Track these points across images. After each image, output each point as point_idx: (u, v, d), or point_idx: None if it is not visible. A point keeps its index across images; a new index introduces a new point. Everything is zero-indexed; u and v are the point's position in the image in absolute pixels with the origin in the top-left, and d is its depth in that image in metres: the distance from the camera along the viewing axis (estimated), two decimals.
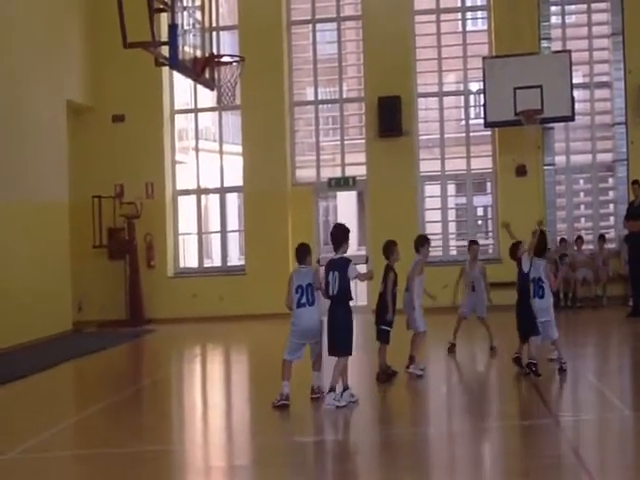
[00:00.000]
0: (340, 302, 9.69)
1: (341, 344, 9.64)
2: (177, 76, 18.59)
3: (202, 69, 13.33)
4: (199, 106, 21.31)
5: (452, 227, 21.05)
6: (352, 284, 9.81)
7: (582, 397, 10.26)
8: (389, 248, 11.12)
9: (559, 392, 10.54)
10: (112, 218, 19.89)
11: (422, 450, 7.99)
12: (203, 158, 21.53)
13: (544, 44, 19.61)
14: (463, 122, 20.98)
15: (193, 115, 21.44)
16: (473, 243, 13.84)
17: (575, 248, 19.30)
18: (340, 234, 9.87)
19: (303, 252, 10.02)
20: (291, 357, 9.84)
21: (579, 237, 19.43)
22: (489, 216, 21.08)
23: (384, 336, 10.93)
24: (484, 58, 19.44)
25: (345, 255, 9.81)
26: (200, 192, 21.27)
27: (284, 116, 20.46)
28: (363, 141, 20.55)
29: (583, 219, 20.67)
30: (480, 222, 22.08)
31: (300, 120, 21.30)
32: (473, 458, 7.77)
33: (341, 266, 9.66)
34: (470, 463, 7.58)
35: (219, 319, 19.11)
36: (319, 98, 21.19)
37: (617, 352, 11.48)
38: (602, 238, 19.33)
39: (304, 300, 9.81)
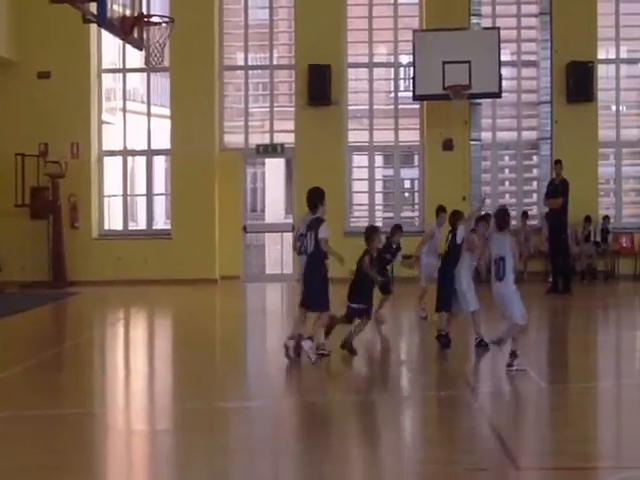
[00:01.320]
0: (315, 260, 10.08)
1: (317, 300, 10.06)
2: (105, 34, 18.24)
3: (131, 28, 13.08)
4: (127, 66, 21.00)
5: (379, 198, 21.23)
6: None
7: (500, 370, 10.52)
8: (370, 235, 11.08)
9: (478, 365, 10.77)
10: (36, 177, 19.52)
11: (344, 417, 8.11)
12: (130, 119, 21.26)
13: (474, 20, 19.81)
14: (392, 94, 21.10)
15: (121, 75, 21.13)
16: (442, 210, 13.70)
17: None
18: (316, 196, 10.26)
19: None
20: None
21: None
22: (416, 189, 21.30)
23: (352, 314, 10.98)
24: (414, 31, 19.55)
25: (320, 216, 10.20)
26: (127, 154, 21.03)
27: (213, 80, 20.30)
28: (292, 109, 20.52)
29: (507, 195, 21.02)
30: (407, 194, 22.29)
31: (229, 85, 21.17)
32: (393, 426, 7.92)
33: (316, 226, 10.09)
34: (390, 431, 7.72)
35: (143, 283, 19.00)
36: (249, 64, 21.08)
37: (535, 327, 11.75)
38: (525, 215, 19.71)
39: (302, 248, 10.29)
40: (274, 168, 25.27)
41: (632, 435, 7.38)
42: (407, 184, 22.24)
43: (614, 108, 20.77)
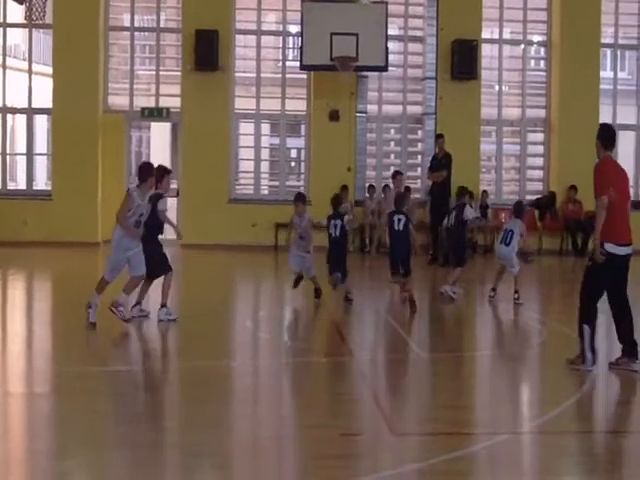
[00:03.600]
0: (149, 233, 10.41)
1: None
2: None
3: None
4: (8, 21, 20.32)
5: (265, 166, 21.25)
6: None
7: (380, 339, 10.76)
8: (338, 200, 12.05)
9: (360, 333, 10.98)
10: None
11: (223, 382, 8.16)
12: (11, 76, 20.62)
13: None
14: (280, 63, 21.09)
15: (1, 29, 20.41)
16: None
17: (382, 196, 19.89)
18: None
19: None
20: None
21: (386, 185, 20.02)
22: (302, 158, 21.39)
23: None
24: (303, 1, 19.54)
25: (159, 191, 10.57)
26: (6, 111, 20.42)
27: (98, 40, 19.88)
28: (179, 73, 20.28)
29: (392, 168, 21.31)
30: (293, 164, 22.37)
31: (115, 46, 20.79)
32: (273, 391, 8.02)
33: (156, 200, 10.50)
34: (270, 396, 7.81)
35: (22, 245, 18.55)
36: (136, 25, 20.71)
37: (418, 297, 12.06)
38: (407, 189, 19.98)
39: None
40: (159, 132, 25.01)
41: (501, 402, 7.69)
42: (293, 153, 22.33)
43: (497, 87, 21.31)
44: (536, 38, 21.70)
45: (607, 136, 8.53)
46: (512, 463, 6.03)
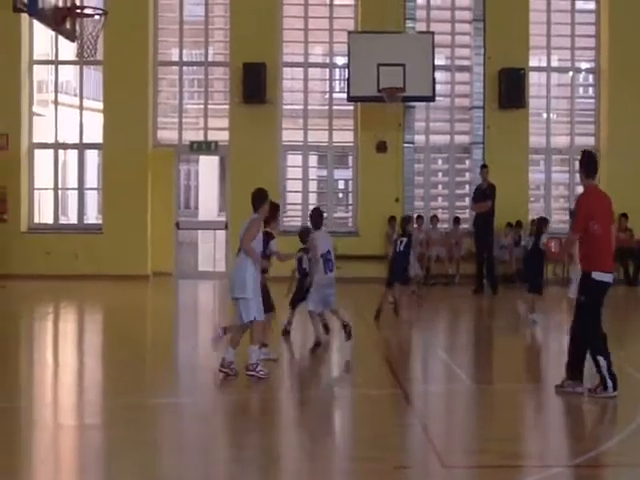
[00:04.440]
0: None
1: None
2: (37, 25, 17.99)
3: (63, 19, 12.95)
4: (60, 58, 20.70)
5: (312, 198, 21.30)
6: None
7: (431, 370, 10.67)
8: (304, 235, 11.88)
9: (409, 364, 10.90)
10: None
11: (276, 413, 8.13)
12: (63, 112, 20.97)
13: (409, 24, 19.97)
14: (327, 95, 21.19)
15: (53, 67, 20.81)
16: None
17: (430, 226, 19.84)
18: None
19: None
20: None
21: (434, 216, 19.98)
22: (349, 190, 21.41)
23: None
24: (349, 33, 19.63)
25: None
26: (58, 146, 20.72)
27: (147, 75, 20.13)
28: (227, 106, 20.46)
29: (440, 198, 21.28)
30: (340, 195, 22.40)
31: (164, 81, 21.04)
32: (323, 423, 7.97)
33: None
34: (320, 427, 7.77)
35: (73, 278, 18.75)
36: (184, 60, 20.97)
37: (464, 329, 11.98)
38: (457, 220, 19.93)
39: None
40: (208, 165, 25.22)
41: (554, 435, 7.56)
42: (341, 185, 22.35)
43: (545, 116, 21.17)
44: (584, 65, 21.54)
45: (588, 163, 8.49)
46: None
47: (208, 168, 25.32)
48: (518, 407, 8.65)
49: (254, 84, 19.56)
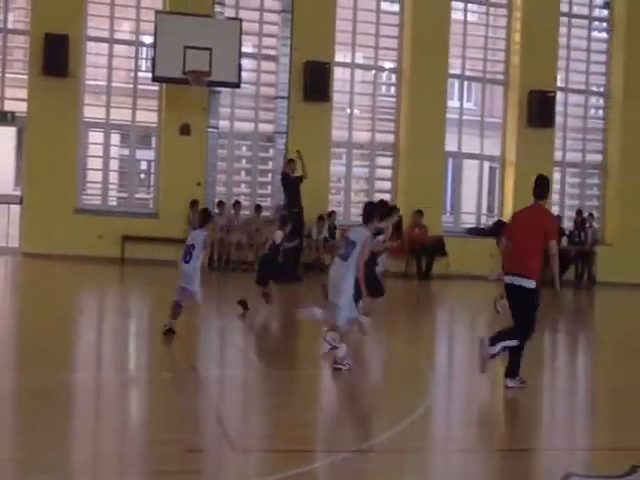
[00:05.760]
0: None
1: None
2: None
3: None
4: None
5: (113, 177, 20.85)
6: None
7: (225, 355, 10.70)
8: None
9: (200, 349, 10.88)
10: None
11: (65, 396, 7.92)
12: None
13: (217, 8, 19.97)
14: (132, 73, 20.79)
15: None
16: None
17: (232, 212, 19.88)
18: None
19: None
20: None
21: (237, 202, 20.04)
22: (152, 171, 21.11)
23: None
24: (157, 12, 19.35)
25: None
26: None
27: None
28: (26, 77, 19.64)
29: (243, 185, 21.36)
30: (142, 176, 22.05)
31: None
32: (118, 406, 7.83)
33: None
34: (114, 411, 7.63)
35: None
36: None
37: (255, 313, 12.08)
38: (259, 207, 20.04)
39: None
40: (3, 137, 24.11)
41: (342, 421, 7.77)
42: (143, 165, 22.02)
43: (348, 110, 21.67)
44: (387, 64, 22.22)
45: (535, 186, 8.98)
46: None
47: (4, 139, 24.22)
48: (310, 393, 8.82)
49: (56, 56, 18.90)
